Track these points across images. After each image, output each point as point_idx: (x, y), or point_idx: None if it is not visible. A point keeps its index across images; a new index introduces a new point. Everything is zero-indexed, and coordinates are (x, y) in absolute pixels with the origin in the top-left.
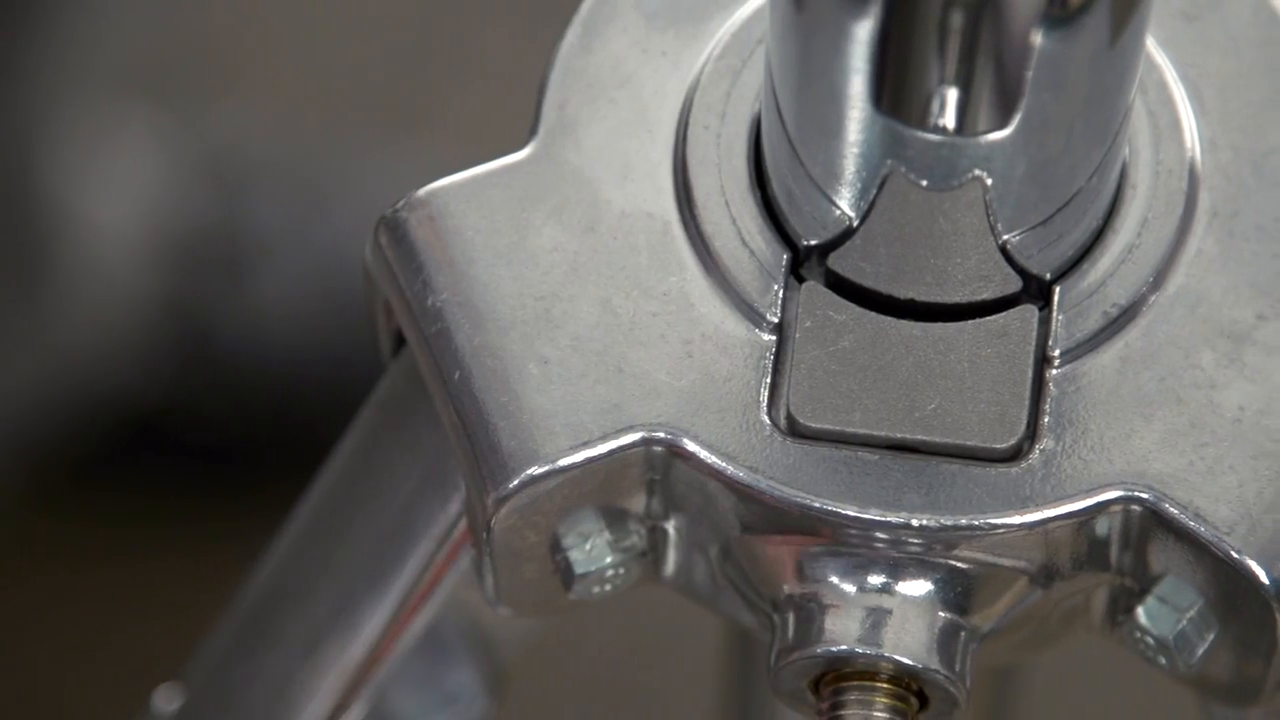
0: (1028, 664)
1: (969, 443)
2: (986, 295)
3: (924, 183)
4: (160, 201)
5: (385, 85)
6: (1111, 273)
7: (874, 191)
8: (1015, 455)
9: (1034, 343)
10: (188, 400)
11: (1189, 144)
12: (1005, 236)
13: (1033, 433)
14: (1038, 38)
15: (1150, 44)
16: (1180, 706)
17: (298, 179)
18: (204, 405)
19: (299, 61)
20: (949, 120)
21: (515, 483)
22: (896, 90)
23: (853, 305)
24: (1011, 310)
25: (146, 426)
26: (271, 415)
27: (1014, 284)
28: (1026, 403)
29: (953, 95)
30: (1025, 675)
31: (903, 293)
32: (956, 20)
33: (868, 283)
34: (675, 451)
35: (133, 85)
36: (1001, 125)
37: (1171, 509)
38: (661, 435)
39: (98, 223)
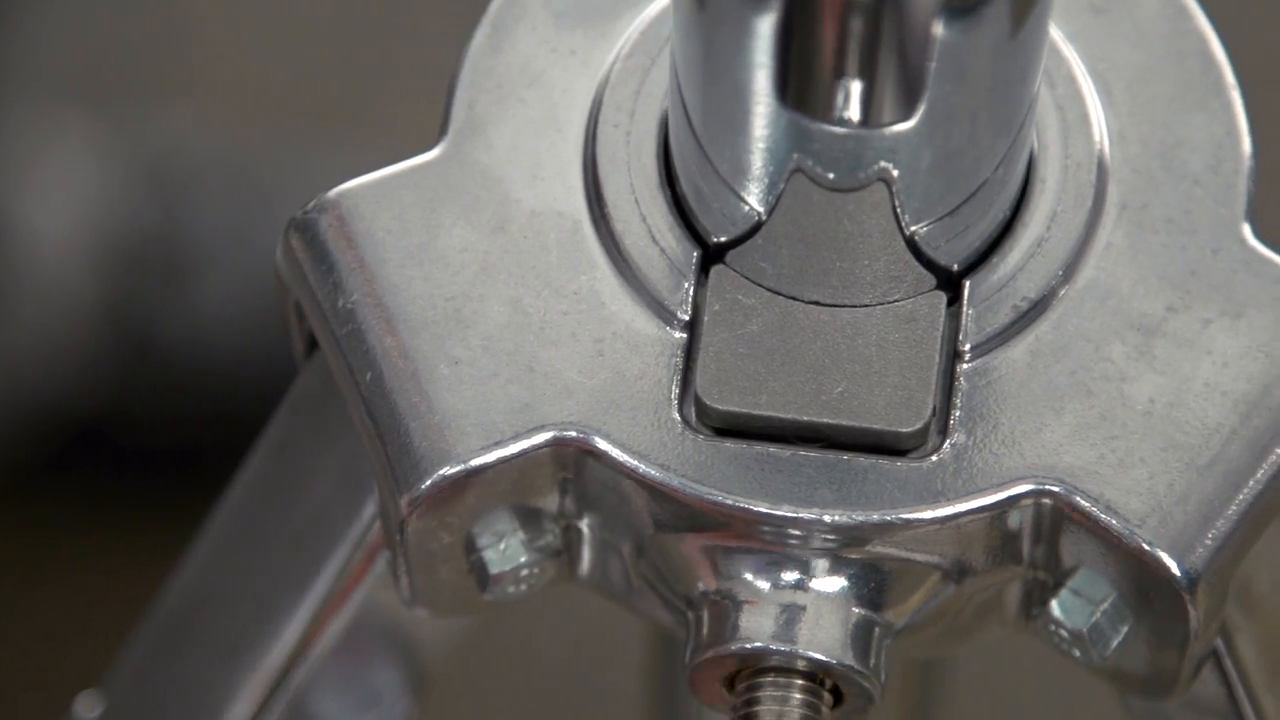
0: (950, 658)
1: (875, 426)
2: (898, 296)
3: (830, 175)
4: (99, 206)
5: (324, 87)
6: (1021, 266)
7: (781, 187)
8: (922, 439)
9: (941, 328)
10: (129, 405)
11: (1097, 137)
12: (912, 228)
13: (944, 427)
14: (938, 29)
15: (1058, 37)
16: (1101, 697)
17: (237, 182)
18: (145, 410)
19: (238, 64)
20: (853, 112)
21: (428, 483)
22: (800, 84)
23: (761, 289)
24: (920, 296)
25: (87, 431)
26: (213, 419)
27: (927, 284)
28: (933, 387)
29: (856, 87)
30: (950, 669)
31: (808, 295)
32: (857, 12)
33: (768, 284)
34: (587, 450)
35: (70, 90)
36: (906, 117)
37: (1083, 502)
38: (573, 434)
39: (37, 228)
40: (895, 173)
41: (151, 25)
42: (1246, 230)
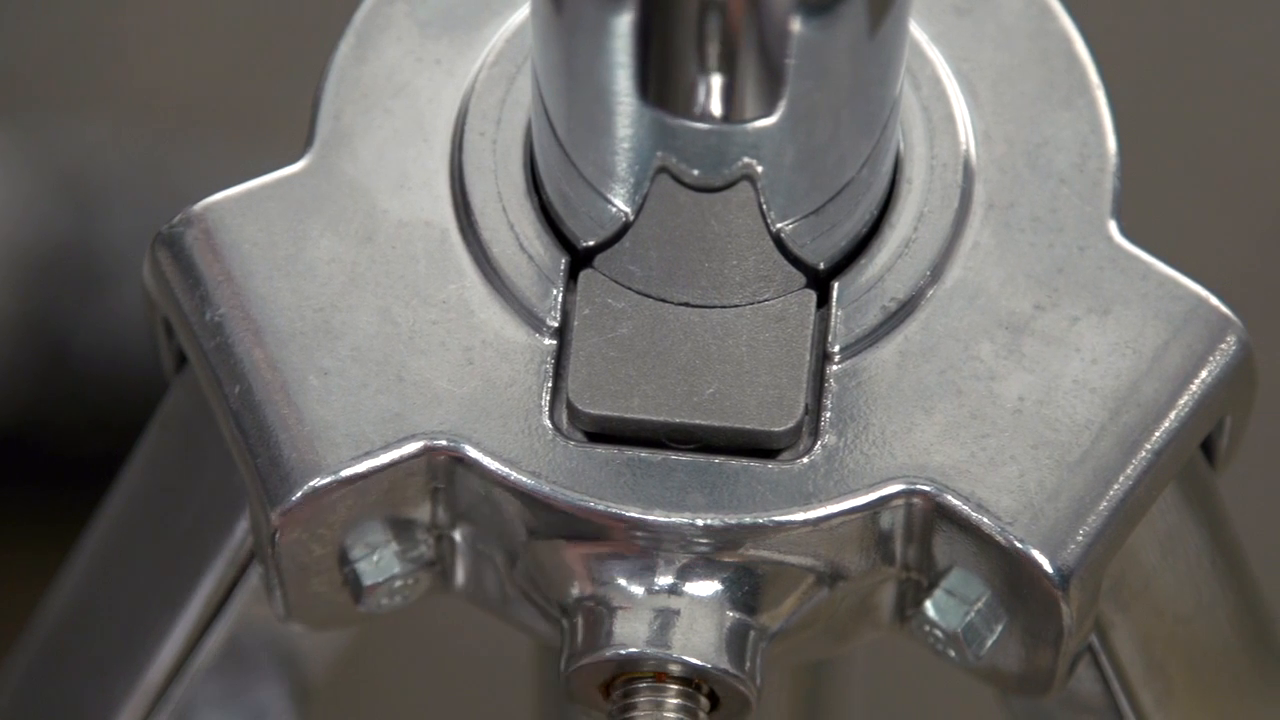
0: (841, 660)
1: (748, 426)
2: (768, 295)
3: (695, 173)
4: (15, 216)
5: (240, 95)
6: (889, 267)
7: (647, 187)
8: (794, 438)
9: (811, 326)
10: (45, 416)
11: (963, 137)
12: (779, 225)
13: (815, 429)
14: (796, 25)
15: (922, 38)
16: (988, 698)
17: (154, 190)
18: (62, 420)
19: (154, 73)
20: (715, 108)
21: (298, 495)
22: (661, 81)
23: (630, 292)
24: (790, 295)
25: (4, 441)
26: (131, 429)
27: (796, 283)
28: (804, 385)
29: (717, 83)
30: (842, 671)
31: (677, 297)
32: (715, 9)
33: (637, 286)
34: (457, 459)
35: None
36: (768, 112)
37: (954, 501)
38: (443, 443)
39: None
40: (760, 169)
41: (66, 34)
42: (1113, 227)
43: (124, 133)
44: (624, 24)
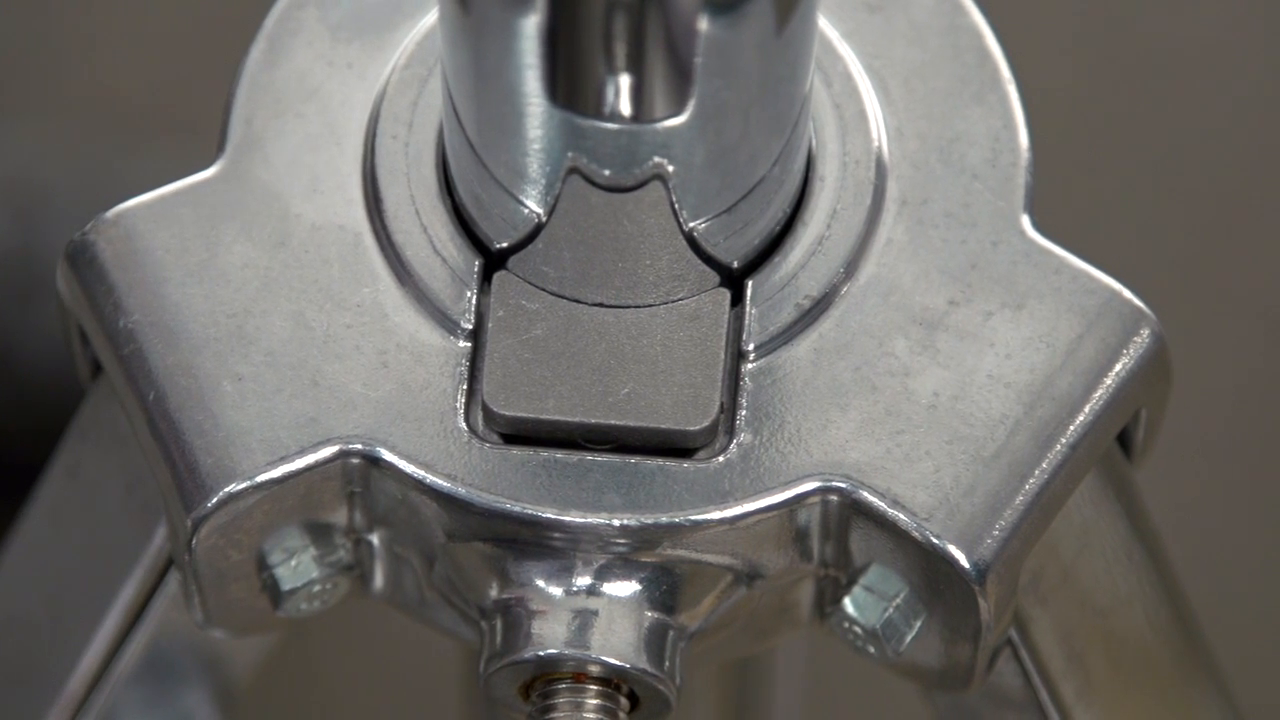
0: (767, 657)
1: (663, 425)
2: (682, 295)
3: (607, 172)
4: None
5: (179, 102)
6: (803, 265)
7: (559, 188)
8: (710, 437)
9: (726, 325)
10: None
11: (875, 134)
12: (691, 224)
13: (731, 427)
14: (703, 24)
15: (834, 36)
16: (912, 692)
17: (94, 198)
18: (3, 428)
19: (92, 81)
20: (624, 108)
21: (213, 501)
22: (569, 82)
23: (544, 293)
24: (704, 294)
25: None
26: None
27: (710, 282)
28: (720, 384)
29: (625, 83)
30: (768, 668)
31: (591, 297)
32: (621, 9)
33: (551, 287)
34: (373, 462)
35: None
36: (677, 111)
37: (869, 497)
38: (358, 447)
39: None
40: (671, 168)
41: (3, 40)
42: (1026, 222)
43: (64, 139)
44: (531, 25)
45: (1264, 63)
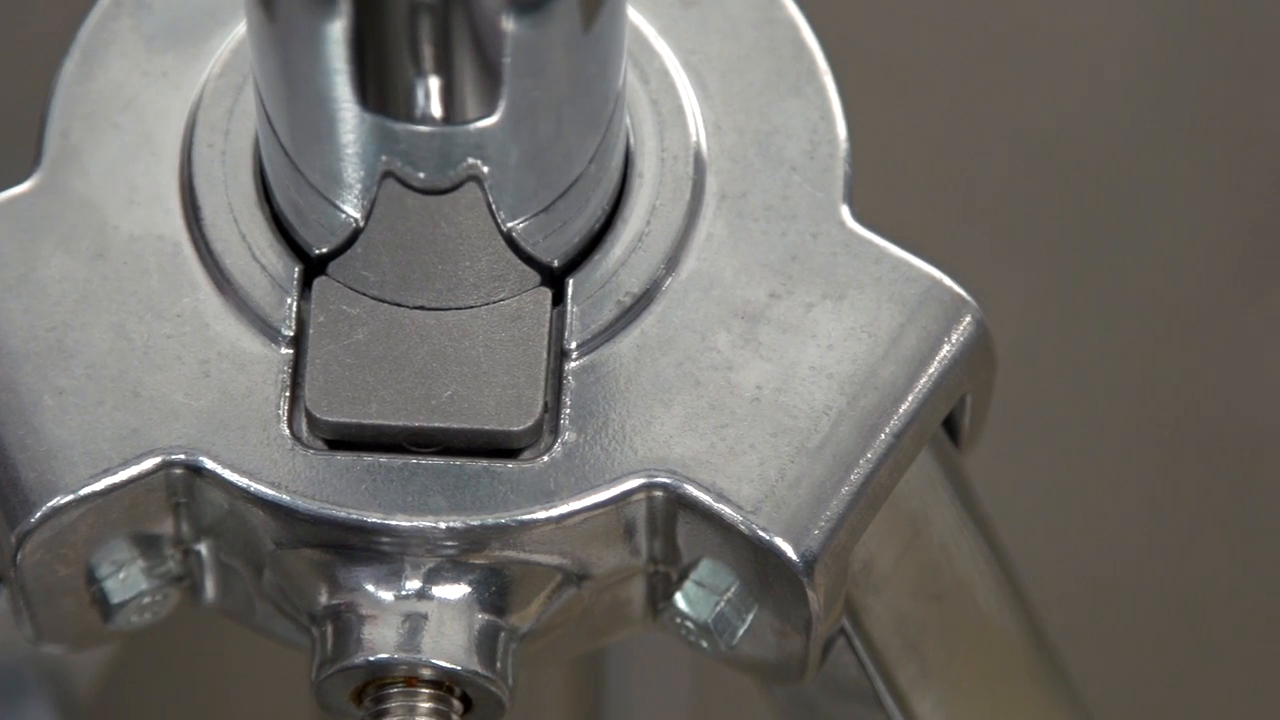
0: (620, 650)
1: (487, 426)
2: (504, 295)
3: (421, 175)
4: None
5: (9, 113)
6: (623, 262)
7: (375, 192)
8: (534, 437)
9: (548, 325)
10: None
11: (693, 129)
12: (509, 225)
13: (555, 426)
14: (509, 24)
15: (650, 32)
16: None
17: None
18: None
19: None
20: (435, 110)
21: (37, 516)
22: (379, 86)
23: (365, 298)
24: (525, 294)
25: None
26: None
27: (531, 282)
28: (542, 384)
29: (435, 85)
30: (621, 666)
31: (412, 300)
32: (426, 12)
33: (372, 291)
34: (196, 472)
35: None
36: (488, 112)
37: (694, 492)
38: (181, 457)
39: None
40: (485, 169)
41: None
42: (845, 213)
43: None
44: (337, 31)
45: (1096, 46)
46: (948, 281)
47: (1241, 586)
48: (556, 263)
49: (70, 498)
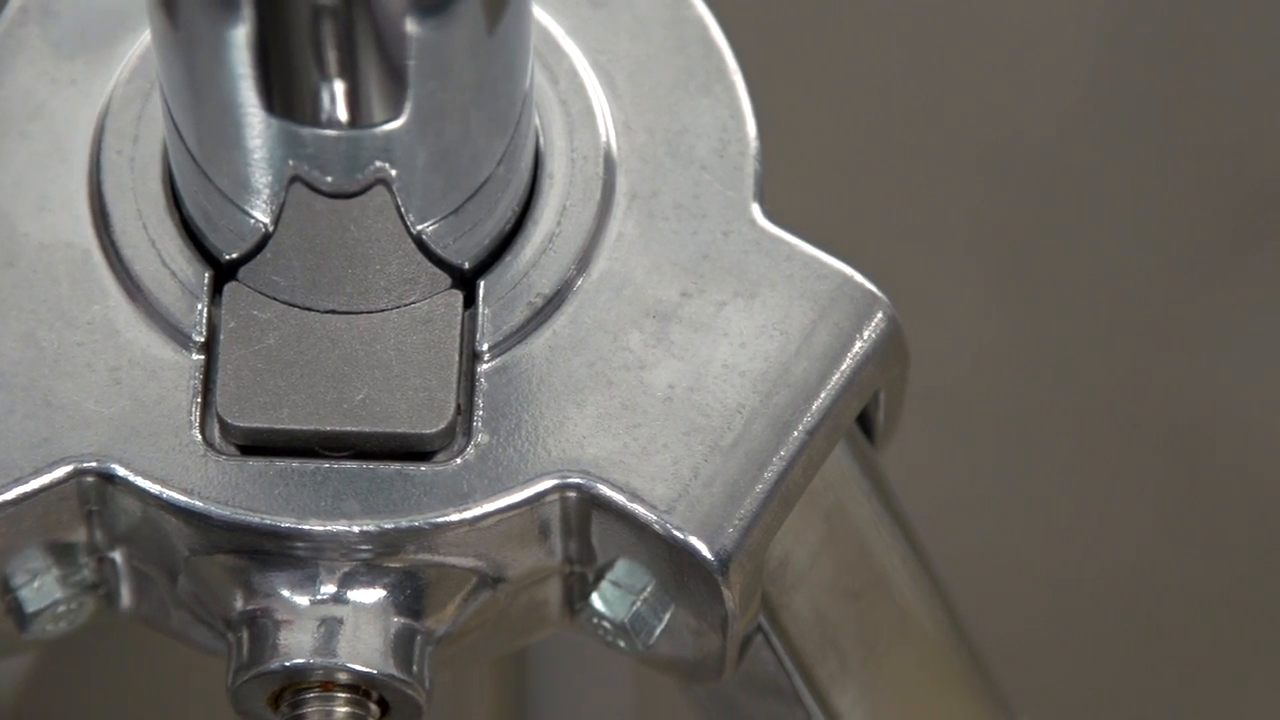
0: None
1: (399, 430)
2: (415, 298)
3: (329, 179)
4: None
5: None
6: (534, 263)
7: (283, 197)
8: (447, 440)
9: (459, 327)
10: None
11: (603, 129)
12: (419, 228)
13: (468, 428)
14: (412, 26)
15: (558, 32)
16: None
17: None
18: None
19: None
20: (341, 114)
21: None
22: (284, 91)
23: (276, 303)
24: (436, 296)
25: None
26: None
27: (442, 283)
28: (454, 386)
29: (340, 89)
30: (544, 665)
31: (322, 304)
32: (328, 15)
33: (283, 296)
34: (108, 480)
35: None
36: (394, 115)
37: (608, 492)
38: (93, 465)
39: None
40: (393, 172)
41: None
42: (756, 211)
43: None
44: (240, 36)
45: (1038, 39)
46: (859, 278)
47: (1194, 578)
48: (467, 265)
49: None
